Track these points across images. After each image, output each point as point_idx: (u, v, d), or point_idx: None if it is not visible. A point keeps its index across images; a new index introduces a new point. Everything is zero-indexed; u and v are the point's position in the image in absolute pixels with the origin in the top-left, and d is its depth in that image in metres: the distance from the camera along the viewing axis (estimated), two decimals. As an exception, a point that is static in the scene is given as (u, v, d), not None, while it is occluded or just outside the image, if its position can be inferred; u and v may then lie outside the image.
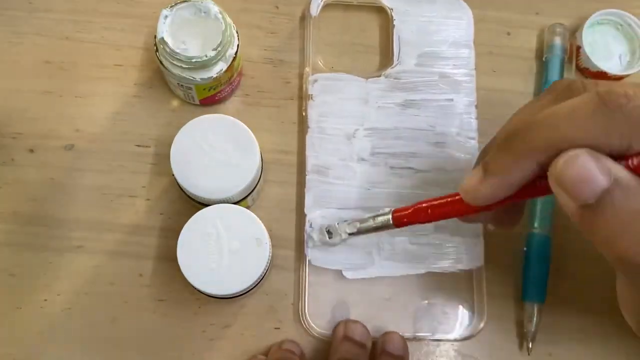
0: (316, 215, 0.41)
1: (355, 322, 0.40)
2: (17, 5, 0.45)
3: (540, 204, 0.42)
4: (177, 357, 0.41)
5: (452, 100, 0.44)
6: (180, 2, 0.39)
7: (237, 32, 0.41)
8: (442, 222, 0.40)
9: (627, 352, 0.42)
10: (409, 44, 0.45)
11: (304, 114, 0.44)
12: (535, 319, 0.41)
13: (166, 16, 0.39)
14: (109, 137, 0.43)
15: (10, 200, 0.42)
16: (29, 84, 0.44)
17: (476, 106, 0.44)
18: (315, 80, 0.44)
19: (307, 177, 0.42)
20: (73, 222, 0.42)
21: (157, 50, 0.40)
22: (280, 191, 0.43)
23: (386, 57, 0.46)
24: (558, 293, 0.42)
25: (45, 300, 0.41)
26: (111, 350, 0.40)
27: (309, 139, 0.43)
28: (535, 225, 0.42)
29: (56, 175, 0.43)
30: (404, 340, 0.40)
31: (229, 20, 0.40)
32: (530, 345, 0.41)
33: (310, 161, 0.42)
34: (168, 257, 0.41)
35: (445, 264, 0.42)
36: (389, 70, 0.44)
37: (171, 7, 0.39)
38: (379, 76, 0.44)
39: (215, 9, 0.39)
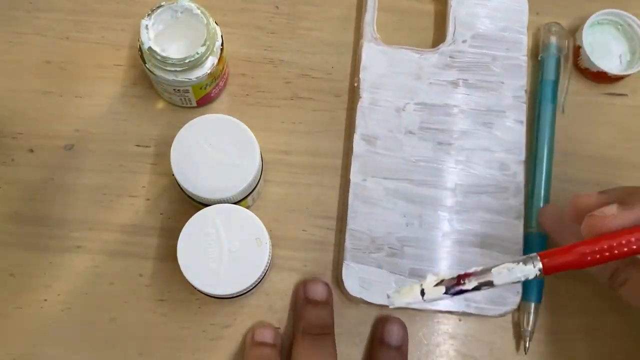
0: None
1: (316, 282, 0.41)
2: (17, 5, 0.46)
3: (536, 204, 0.42)
4: (177, 357, 0.41)
5: (502, 83, 0.44)
6: (156, 9, 0.39)
7: (216, 23, 0.41)
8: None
9: (626, 351, 0.42)
10: (464, 25, 0.45)
11: (355, 84, 0.44)
12: (532, 318, 0.41)
13: (147, 26, 0.39)
14: (109, 137, 0.44)
15: (10, 200, 0.42)
16: (29, 84, 0.44)
17: (526, 91, 0.44)
18: (370, 51, 0.44)
19: (354, 145, 0.43)
20: (73, 222, 0.42)
21: (145, 62, 0.40)
22: (280, 191, 0.43)
23: (441, 34, 0.46)
24: (556, 293, 0.42)
25: (45, 300, 0.41)
26: (111, 350, 0.40)
27: (359, 108, 0.43)
28: (532, 224, 0.42)
29: (56, 175, 0.43)
30: (404, 327, 0.40)
31: (207, 13, 0.40)
32: (527, 345, 0.41)
33: (359, 130, 0.43)
34: (168, 257, 0.41)
35: None
36: (442, 48, 0.45)
37: (149, 15, 0.39)
38: (433, 53, 0.45)
39: (191, 5, 0.39)
